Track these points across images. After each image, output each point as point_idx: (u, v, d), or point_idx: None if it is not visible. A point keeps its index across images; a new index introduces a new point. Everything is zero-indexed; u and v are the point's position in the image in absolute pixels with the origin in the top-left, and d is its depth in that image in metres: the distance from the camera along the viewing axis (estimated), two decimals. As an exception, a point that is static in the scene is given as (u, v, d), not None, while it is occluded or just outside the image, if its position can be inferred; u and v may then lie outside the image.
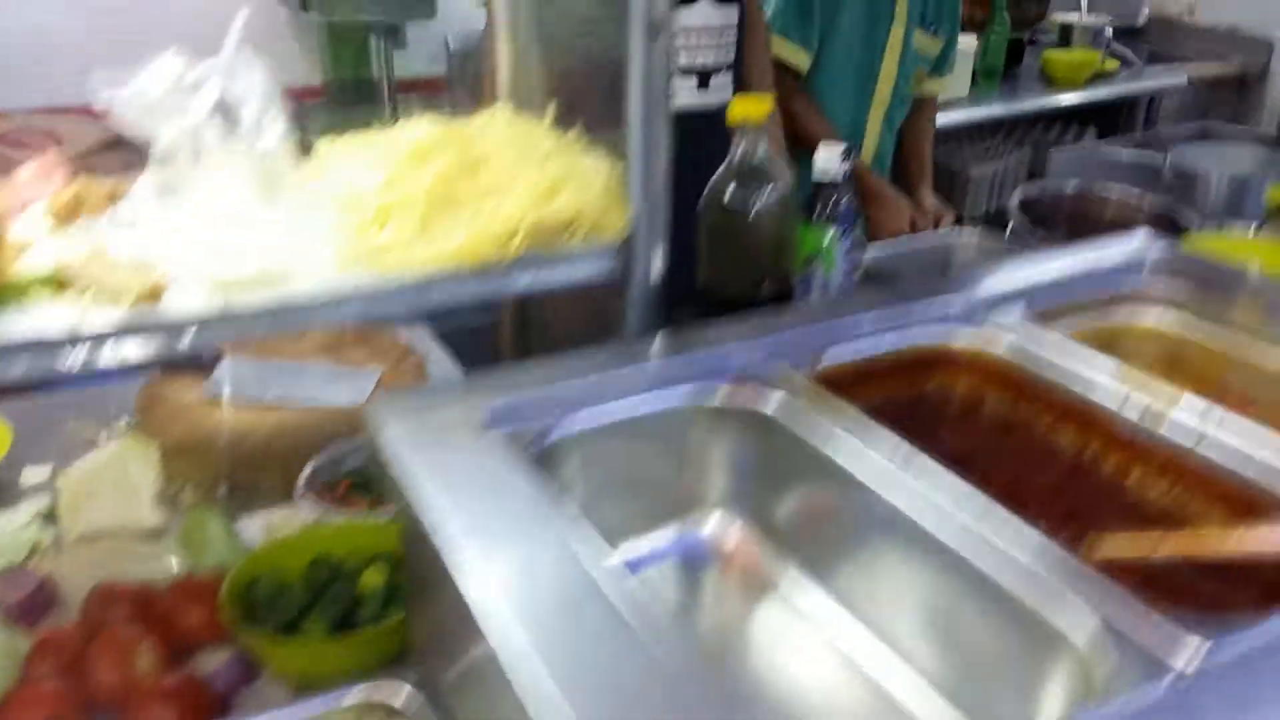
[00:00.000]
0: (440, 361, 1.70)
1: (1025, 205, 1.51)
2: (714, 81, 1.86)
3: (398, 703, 0.91)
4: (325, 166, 1.01)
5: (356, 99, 3.05)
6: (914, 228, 2.17)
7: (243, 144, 0.90)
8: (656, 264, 1.03)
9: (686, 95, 1.84)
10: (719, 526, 0.93)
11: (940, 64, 2.38)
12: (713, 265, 1.21)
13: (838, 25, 2.14)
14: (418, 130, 1.03)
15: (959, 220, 3.42)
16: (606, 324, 1.41)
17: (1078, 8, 3.72)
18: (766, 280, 1.21)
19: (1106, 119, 3.67)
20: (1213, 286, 1.10)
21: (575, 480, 0.86)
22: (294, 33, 3.08)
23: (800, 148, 2.19)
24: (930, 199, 2.33)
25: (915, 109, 2.39)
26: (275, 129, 0.92)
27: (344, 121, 3.10)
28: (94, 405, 1.52)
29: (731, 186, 1.18)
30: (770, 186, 1.19)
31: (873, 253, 1.50)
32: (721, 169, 1.20)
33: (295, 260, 0.90)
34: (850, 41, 2.17)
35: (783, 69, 2.10)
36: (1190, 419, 0.87)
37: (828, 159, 1.25)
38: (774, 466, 0.90)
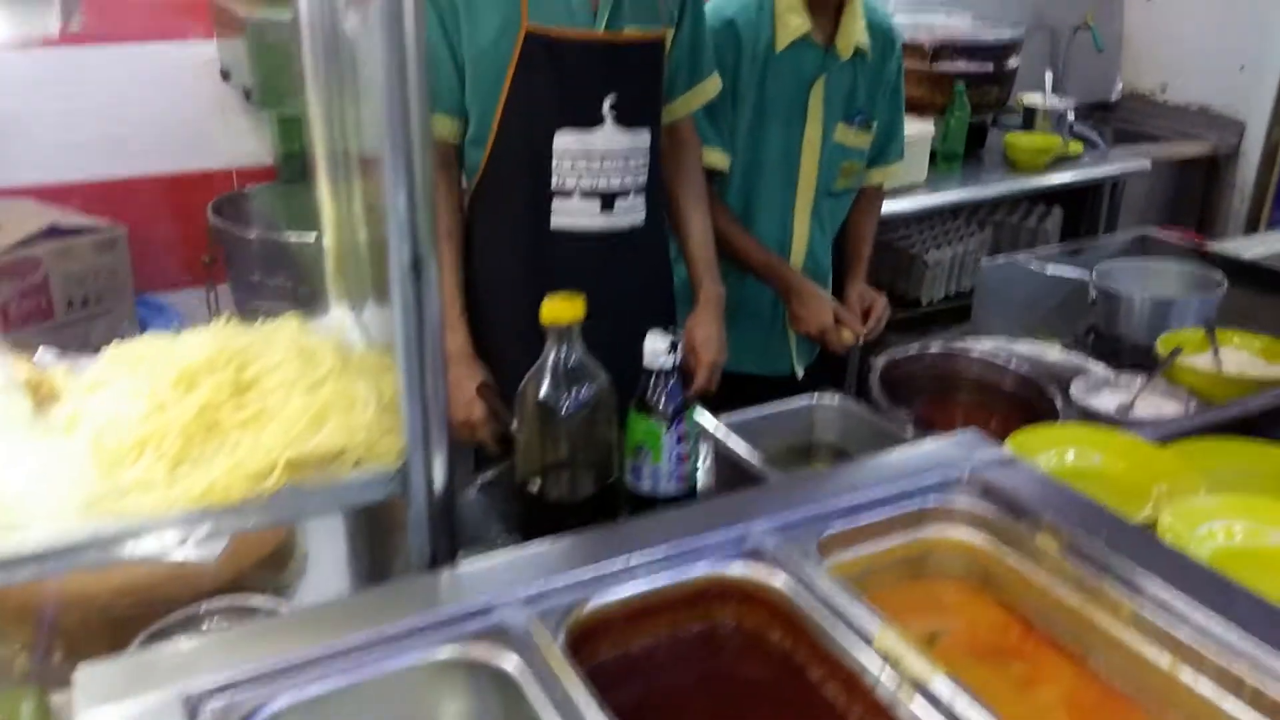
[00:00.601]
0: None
1: (889, 370, 1.48)
2: (620, 204, 1.84)
3: None
4: (93, 388, 1.00)
5: (305, 178, 3.06)
6: (837, 320, 2.10)
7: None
8: (438, 488, 1.01)
9: (588, 218, 1.82)
10: (459, 792, 0.90)
11: (883, 154, 2.31)
12: (528, 464, 1.19)
13: (739, 127, 2.10)
14: (195, 346, 1.01)
15: (915, 304, 3.40)
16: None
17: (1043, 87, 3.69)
18: (585, 479, 1.19)
19: (1072, 199, 3.63)
20: (1020, 507, 1.07)
21: (293, 756, 0.83)
22: (246, 116, 3.10)
23: (724, 258, 2.17)
24: (858, 290, 2.24)
25: (857, 199, 2.33)
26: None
27: (292, 201, 3.12)
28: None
29: (545, 387, 1.16)
30: (586, 386, 1.17)
31: (733, 420, 1.47)
32: (534, 368, 1.18)
33: (31, 506, 0.88)
34: (761, 142, 2.12)
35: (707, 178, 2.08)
36: (941, 697, 0.84)
37: (654, 347, 1.23)
38: (516, 730, 0.87)
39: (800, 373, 2.32)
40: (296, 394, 0.98)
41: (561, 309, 1.14)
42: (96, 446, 0.94)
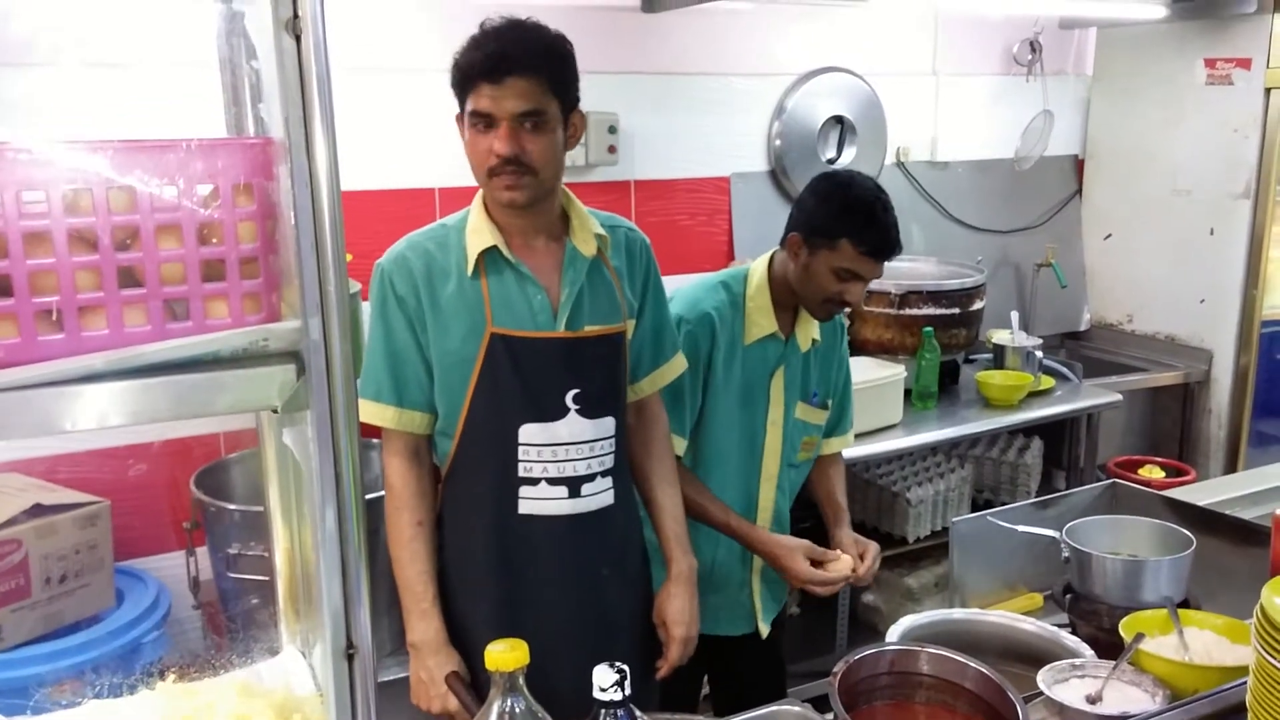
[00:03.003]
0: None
1: (846, 675, 1.46)
2: (586, 489, 1.88)
3: None
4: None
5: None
6: (821, 563, 2.20)
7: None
8: None
9: (555, 504, 1.86)
10: None
11: (839, 425, 2.47)
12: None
13: (712, 412, 2.22)
14: (134, 721, 1.02)
15: (902, 541, 3.39)
16: None
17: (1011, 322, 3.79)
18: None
19: (1051, 429, 3.67)
20: None
21: None
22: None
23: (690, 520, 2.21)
24: (847, 537, 2.33)
25: (819, 463, 2.45)
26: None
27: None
28: None
29: (491, 733, 1.16)
30: (530, 732, 1.16)
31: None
32: (479, 715, 1.17)
33: None
34: (728, 425, 2.24)
35: None
36: None
37: (601, 680, 1.22)
38: None
39: (766, 630, 2.38)
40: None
41: (504, 658, 1.15)
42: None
